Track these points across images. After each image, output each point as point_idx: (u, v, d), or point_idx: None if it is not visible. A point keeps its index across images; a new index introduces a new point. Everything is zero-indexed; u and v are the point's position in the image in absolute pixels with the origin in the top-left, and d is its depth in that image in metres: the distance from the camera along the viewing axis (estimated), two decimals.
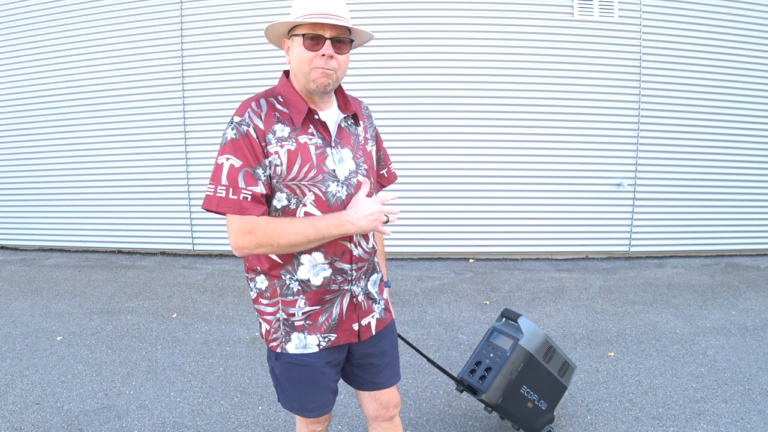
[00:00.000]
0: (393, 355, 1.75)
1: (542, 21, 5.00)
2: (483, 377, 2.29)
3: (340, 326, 1.58)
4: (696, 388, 2.93)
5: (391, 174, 1.82)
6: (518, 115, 5.12)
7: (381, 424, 1.79)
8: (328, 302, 1.55)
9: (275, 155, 1.43)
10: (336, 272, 1.53)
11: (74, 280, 4.86)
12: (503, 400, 2.26)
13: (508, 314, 2.43)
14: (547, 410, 2.42)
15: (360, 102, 1.69)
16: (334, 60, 1.43)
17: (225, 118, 5.29)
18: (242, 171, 1.41)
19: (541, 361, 2.36)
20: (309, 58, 1.43)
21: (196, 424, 2.67)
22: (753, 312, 3.96)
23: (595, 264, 5.15)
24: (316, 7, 1.41)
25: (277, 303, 1.55)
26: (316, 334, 1.55)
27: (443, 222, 5.26)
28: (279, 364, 1.60)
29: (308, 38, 1.42)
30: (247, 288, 1.61)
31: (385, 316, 1.71)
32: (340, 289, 1.56)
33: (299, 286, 1.53)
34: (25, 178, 5.79)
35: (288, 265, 1.52)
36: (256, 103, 1.48)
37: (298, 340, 1.55)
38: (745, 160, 5.27)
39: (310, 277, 1.52)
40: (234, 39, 5.15)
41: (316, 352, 1.57)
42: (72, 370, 3.22)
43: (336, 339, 1.58)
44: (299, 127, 1.47)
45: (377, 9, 4.98)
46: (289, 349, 1.57)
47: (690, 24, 5.03)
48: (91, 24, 5.36)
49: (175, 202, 5.49)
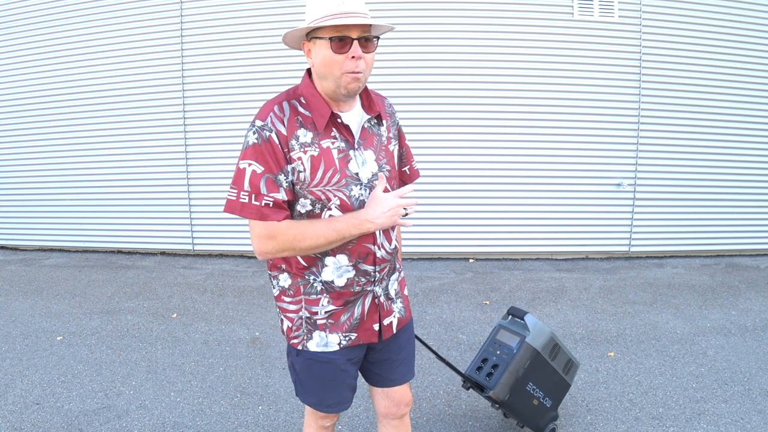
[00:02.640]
0: (409, 352, 1.76)
1: (542, 21, 4.99)
2: (490, 374, 2.31)
3: (361, 326, 1.59)
4: (696, 388, 2.93)
5: (414, 171, 1.80)
6: (518, 115, 5.12)
7: (391, 422, 1.80)
8: (351, 303, 1.56)
9: (298, 161, 1.41)
10: (359, 274, 1.54)
11: (74, 280, 4.86)
12: (510, 397, 2.27)
13: (515, 312, 2.45)
14: (551, 408, 2.43)
15: (383, 99, 1.66)
16: (363, 60, 1.38)
17: (225, 118, 5.32)
18: (264, 177, 1.40)
19: (547, 359, 2.37)
20: (339, 61, 1.37)
21: (196, 424, 2.67)
22: (753, 312, 3.96)
23: (595, 264, 5.15)
24: (338, 6, 1.34)
25: (300, 301, 1.56)
26: (338, 333, 1.56)
27: (443, 222, 5.26)
28: (300, 360, 1.61)
29: (335, 40, 1.35)
30: (269, 285, 1.62)
31: (405, 314, 1.72)
32: (363, 291, 1.56)
33: (323, 286, 1.53)
34: (25, 178, 5.78)
35: (312, 267, 1.52)
36: (279, 107, 1.45)
37: (320, 338, 1.56)
38: (745, 160, 5.27)
39: (334, 279, 1.52)
40: (234, 39, 5.15)
41: (337, 350, 1.57)
42: (72, 370, 3.22)
43: (356, 338, 1.59)
44: (322, 132, 1.44)
45: (377, 9, 4.98)
46: (311, 347, 1.58)
47: (690, 24, 5.03)
48: (91, 24, 5.36)
49: (175, 202, 5.49)
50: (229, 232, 5.42)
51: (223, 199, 1.50)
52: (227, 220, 5.35)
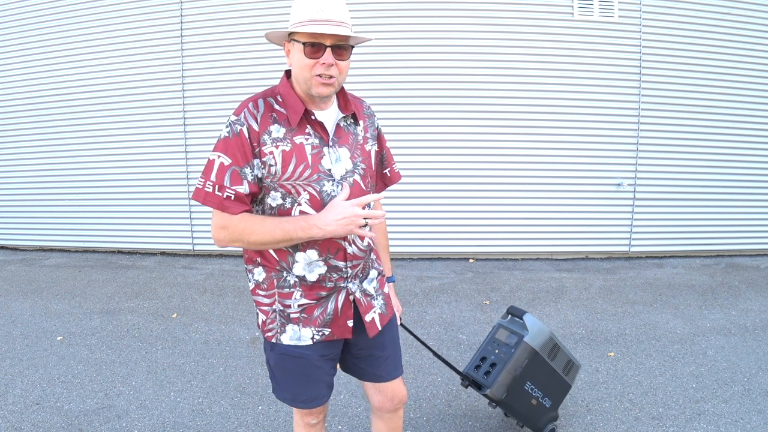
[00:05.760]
0: (393, 349, 1.79)
1: (542, 21, 4.99)
2: (488, 372, 2.31)
3: (335, 322, 1.61)
4: (696, 388, 2.93)
5: (395, 174, 1.83)
6: (518, 115, 5.12)
7: (384, 415, 1.85)
8: (324, 298, 1.59)
9: (270, 155, 1.46)
10: (331, 270, 1.56)
11: (74, 280, 4.86)
12: (507, 396, 2.27)
13: (514, 311, 2.45)
14: (551, 408, 2.43)
15: (362, 102, 1.71)
16: (335, 67, 1.44)
17: (225, 118, 5.28)
18: (230, 170, 1.46)
19: (546, 359, 2.36)
20: (309, 65, 1.43)
21: (196, 424, 2.67)
22: (753, 312, 3.96)
23: (595, 264, 5.15)
24: (317, 13, 1.39)
25: (274, 295, 1.59)
26: (310, 327, 1.59)
27: (443, 222, 5.26)
28: (273, 355, 1.65)
29: (308, 46, 1.41)
30: (246, 279, 1.64)
31: (386, 310, 1.74)
32: (336, 287, 1.59)
33: (295, 280, 1.57)
34: (25, 178, 5.78)
35: (283, 262, 1.56)
36: (254, 103, 1.51)
37: (293, 332, 1.59)
38: (745, 160, 5.27)
39: (305, 274, 1.56)
40: (234, 39, 5.15)
41: (310, 344, 1.60)
42: (72, 370, 3.22)
43: (330, 334, 1.61)
44: (295, 128, 1.49)
45: (376, 9, 4.98)
46: (284, 340, 1.60)
47: (690, 24, 5.03)
48: (91, 24, 5.36)
49: (175, 202, 5.49)
50: None
51: None
52: None
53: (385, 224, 1.90)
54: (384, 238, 1.87)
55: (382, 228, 1.86)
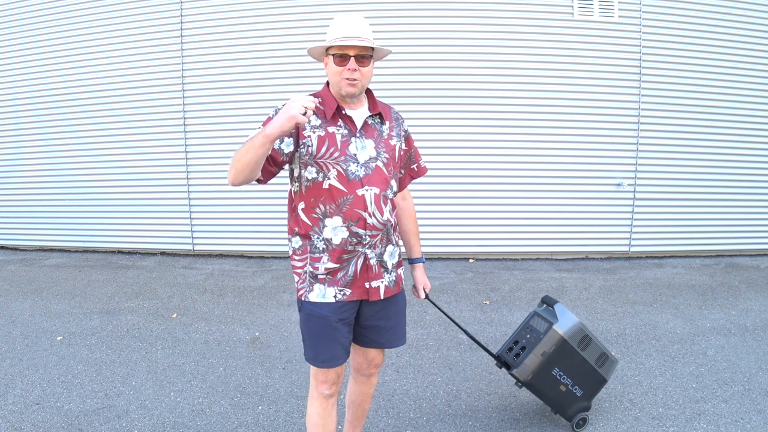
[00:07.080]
0: (397, 321, 2.09)
1: (542, 21, 5.00)
2: (518, 355, 2.50)
3: (354, 283, 1.92)
4: (696, 388, 2.93)
5: (421, 168, 2.26)
6: (518, 115, 5.12)
7: (359, 378, 2.19)
8: (345, 261, 1.90)
9: (308, 138, 1.84)
10: (352, 235, 1.88)
11: (74, 280, 4.86)
12: (533, 378, 2.44)
13: (548, 300, 2.59)
14: (583, 398, 2.52)
15: (390, 107, 2.10)
16: (358, 72, 1.84)
17: (225, 118, 5.31)
18: None
19: (576, 348, 2.48)
20: (339, 71, 1.85)
21: (196, 424, 2.67)
22: (753, 312, 3.96)
23: (595, 264, 5.15)
24: (344, 32, 1.82)
25: (306, 259, 1.93)
26: (334, 287, 1.91)
27: (443, 222, 5.26)
28: (302, 315, 1.95)
29: (337, 57, 1.84)
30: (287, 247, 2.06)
31: (394, 287, 2.02)
32: (355, 251, 1.90)
33: (324, 245, 1.89)
34: (25, 178, 5.78)
35: (315, 227, 1.90)
36: None
37: (319, 290, 1.91)
38: (745, 160, 5.27)
39: (332, 237, 1.88)
40: (234, 39, 5.15)
41: (332, 303, 1.90)
42: (72, 370, 3.22)
43: (351, 294, 1.92)
44: (329, 120, 1.88)
45: (376, 9, 4.98)
46: (311, 298, 1.92)
47: (690, 24, 5.03)
48: (91, 24, 5.36)
49: (175, 202, 5.49)
50: (229, 232, 5.42)
51: (223, 199, 1.55)
52: (227, 220, 5.35)
53: (414, 212, 2.28)
54: (414, 225, 2.26)
55: (411, 215, 2.25)
